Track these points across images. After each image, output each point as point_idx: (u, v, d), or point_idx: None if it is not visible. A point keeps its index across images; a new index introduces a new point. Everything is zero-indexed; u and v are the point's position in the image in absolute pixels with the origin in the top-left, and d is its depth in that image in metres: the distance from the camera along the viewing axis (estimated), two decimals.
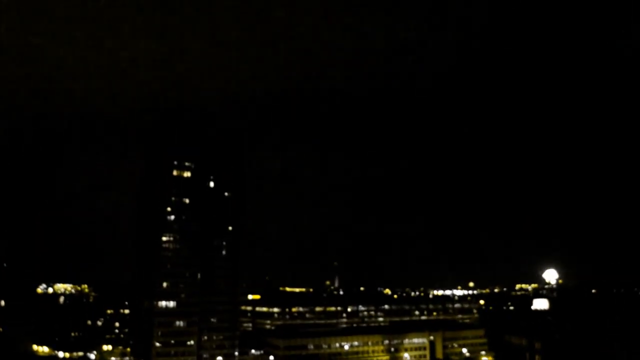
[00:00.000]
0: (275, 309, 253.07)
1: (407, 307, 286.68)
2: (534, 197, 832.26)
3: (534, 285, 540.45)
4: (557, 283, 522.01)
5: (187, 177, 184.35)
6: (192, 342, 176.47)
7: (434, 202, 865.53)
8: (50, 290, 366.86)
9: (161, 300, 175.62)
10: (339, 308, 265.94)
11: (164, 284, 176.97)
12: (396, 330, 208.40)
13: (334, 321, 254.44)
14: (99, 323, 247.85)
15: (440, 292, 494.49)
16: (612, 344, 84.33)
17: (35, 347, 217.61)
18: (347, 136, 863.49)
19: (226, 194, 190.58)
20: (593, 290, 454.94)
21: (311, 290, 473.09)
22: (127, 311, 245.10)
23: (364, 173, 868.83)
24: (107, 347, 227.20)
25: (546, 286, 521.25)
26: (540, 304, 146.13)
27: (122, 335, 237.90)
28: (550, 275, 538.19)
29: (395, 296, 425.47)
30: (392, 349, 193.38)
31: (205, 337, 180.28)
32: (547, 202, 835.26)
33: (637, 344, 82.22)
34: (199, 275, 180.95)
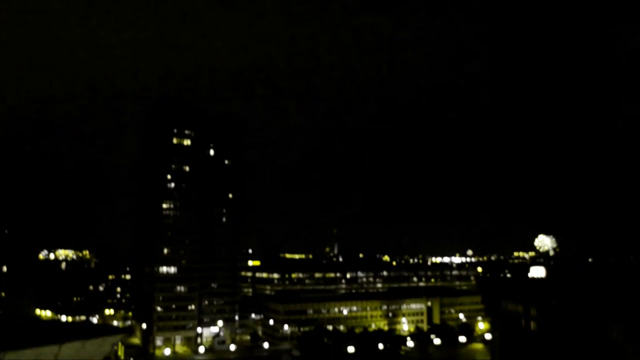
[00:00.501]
0: (275, 275, 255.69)
1: (405, 273, 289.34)
2: (532, 167, 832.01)
3: (531, 253, 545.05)
4: (554, 250, 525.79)
5: (187, 145, 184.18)
6: (193, 306, 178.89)
7: (432, 170, 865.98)
8: (52, 256, 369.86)
9: (162, 266, 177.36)
10: (338, 274, 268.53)
11: (165, 250, 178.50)
12: (394, 296, 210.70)
13: (333, 287, 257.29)
14: (101, 288, 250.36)
15: (438, 260, 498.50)
16: (607, 311, 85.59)
17: (38, 311, 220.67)
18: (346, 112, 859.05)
19: (226, 161, 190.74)
20: (590, 259, 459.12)
21: (311, 256, 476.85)
22: (128, 277, 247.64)
23: (364, 143, 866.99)
24: (109, 312, 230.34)
25: (541, 252, 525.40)
26: (537, 271, 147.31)
27: (123, 300, 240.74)
28: (542, 242, 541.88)
29: (394, 263, 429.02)
30: (390, 314, 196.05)
31: (206, 302, 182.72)
32: (544, 172, 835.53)
33: (631, 311, 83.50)
34: (199, 242, 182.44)
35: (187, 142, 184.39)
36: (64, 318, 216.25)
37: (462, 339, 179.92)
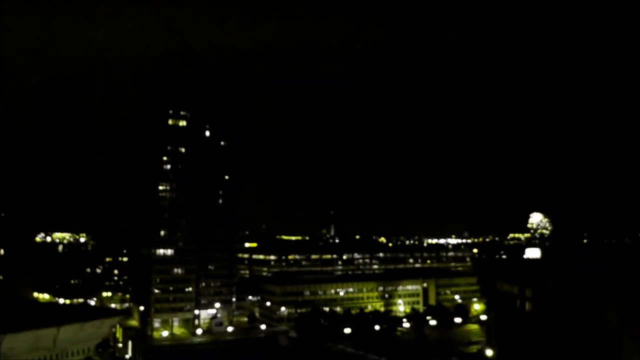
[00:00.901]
0: (272, 257, 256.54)
1: (401, 255, 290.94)
2: (529, 148, 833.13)
3: (526, 235, 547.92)
4: (547, 229, 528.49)
5: (183, 126, 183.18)
6: (190, 288, 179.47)
7: (428, 150, 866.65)
8: (49, 239, 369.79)
9: (159, 248, 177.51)
10: (334, 256, 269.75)
11: (162, 233, 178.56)
12: (390, 277, 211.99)
13: (330, 268, 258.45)
14: (98, 271, 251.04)
15: (434, 241, 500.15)
16: (603, 293, 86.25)
17: (36, 294, 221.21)
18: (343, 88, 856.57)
19: (222, 143, 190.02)
20: (585, 241, 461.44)
21: (307, 238, 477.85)
22: (125, 259, 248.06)
23: (357, 120, 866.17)
24: (106, 294, 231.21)
25: (532, 231, 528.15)
26: (533, 252, 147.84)
27: (121, 283, 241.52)
28: (537, 220, 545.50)
29: (390, 244, 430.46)
30: (386, 295, 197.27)
31: (203, 284, 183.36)
32: (542, 153, 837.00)
33: (626, 293, 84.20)
34: (196, 224, 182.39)
35: (182, 123, 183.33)
36: (61, 301, 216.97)
37: (458, 319, 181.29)
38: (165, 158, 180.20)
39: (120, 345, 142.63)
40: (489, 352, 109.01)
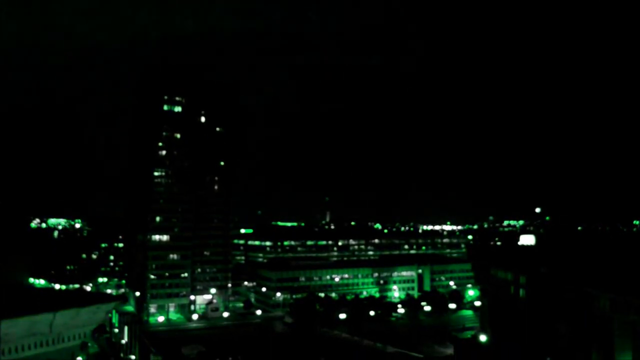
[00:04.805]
0: (268, 243, 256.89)
1: (396, 241, 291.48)
2: (525, 135, 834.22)
3: (521, 222, 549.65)
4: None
5: (178, 112, 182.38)
6: (186, 274, 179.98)
7: (423, 136, 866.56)
8: (44, 225, 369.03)
9: (155, 234, 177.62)
10: (330, 242, 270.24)
11: (157, 219, 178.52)
12: (386, 263, 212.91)
13: (325, 255, 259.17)
14: (94, 256, 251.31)
15: (429, 227, 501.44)
16: (596, 280, 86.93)
17: (31, 280, 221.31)
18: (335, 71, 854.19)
19: (217, 129, 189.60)
20: (579, 227, 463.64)
21: (303, 224, 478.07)
22: (121, 245, 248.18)
23: (352, 108, 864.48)
24: (102, 280, 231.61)
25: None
26: (527, 239, 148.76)
27: (117, 268, 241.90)
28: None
29: (386, 231, 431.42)
30: (382, 282, 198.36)
31: (199, 270, 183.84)
32: (536, 140, 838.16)
33: (618, 280, 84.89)
34: (191, 210, 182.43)
35: (177, 108, 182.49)
36: (57, 286, 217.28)
37: (452, 305, 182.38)
38: (160, 144, 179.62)
39: (116, 330, 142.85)
40: (483, 338, 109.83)
